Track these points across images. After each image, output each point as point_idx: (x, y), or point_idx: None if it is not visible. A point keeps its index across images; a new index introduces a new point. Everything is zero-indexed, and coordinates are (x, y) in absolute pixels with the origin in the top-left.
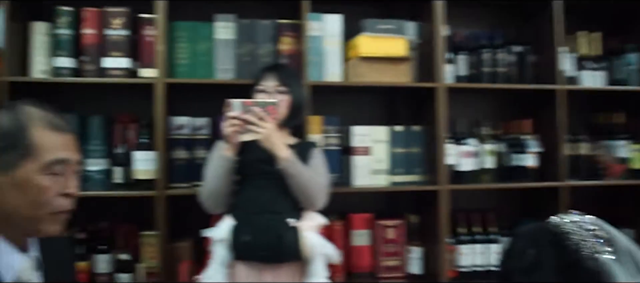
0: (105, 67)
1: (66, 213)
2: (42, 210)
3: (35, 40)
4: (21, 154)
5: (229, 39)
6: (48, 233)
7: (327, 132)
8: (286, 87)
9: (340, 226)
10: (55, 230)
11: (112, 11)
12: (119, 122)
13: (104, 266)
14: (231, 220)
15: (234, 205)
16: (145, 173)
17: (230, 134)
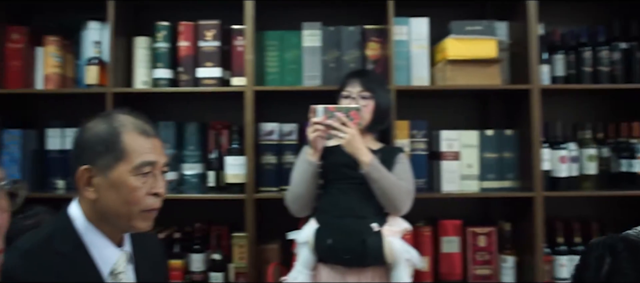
0: (199, 77)
1: (155, 210)
2: (134, 207)
3: (137, 54)
4: (115, 158)
5: (315, 46)
6: (139, 229)
7: (414, 137)
8: (370, 92)
9: (429, 232)
10: (145, 226)
11: (205, 24)
12: (213, 128)
13: (198, 265)
14: (315, 223)
15: (318, 208)
16: (235, 177)
17: (314, 140)
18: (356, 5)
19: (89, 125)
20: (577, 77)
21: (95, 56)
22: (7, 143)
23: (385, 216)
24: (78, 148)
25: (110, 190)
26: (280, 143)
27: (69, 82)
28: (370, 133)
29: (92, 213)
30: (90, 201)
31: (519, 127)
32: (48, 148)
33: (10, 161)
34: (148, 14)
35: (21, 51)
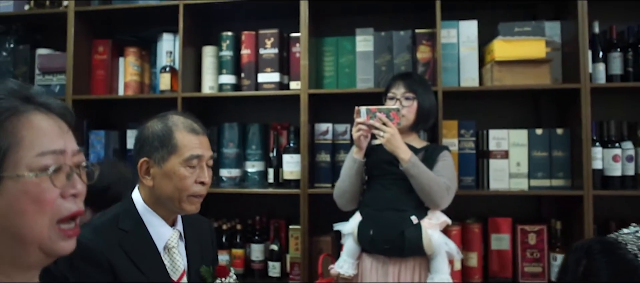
0: (260, 82)
1: (201, 196)
2: (183, 193)
3: (205, 62)
4: (169, 151)
5: (368, 51)
6: (187, 211)
7: (462, 136)
8: (413, 93)
9: (478, 229)
10: (192, 209)
11: (265, 33)
12: (273, 129)
13: (258, 254)
14: (359, 216)
15: (362, 202)
16: (291, 173)
17: (357, 138)
18: (407, 11)
19: (148, 124)
20: (636, 75)
21: (168, 64)
22: (93, 142)
23: (426, 210)
24: (139, 143)
25: (164, 179)
26: (334, 142)
27: (146, 88)
28: (415, 131)
29: (150, 197)
30: (148, 187)
31: (570, 126)
32: (128, 147)
33: (95, 158)
34: (214, 25)
35: (105, 61)
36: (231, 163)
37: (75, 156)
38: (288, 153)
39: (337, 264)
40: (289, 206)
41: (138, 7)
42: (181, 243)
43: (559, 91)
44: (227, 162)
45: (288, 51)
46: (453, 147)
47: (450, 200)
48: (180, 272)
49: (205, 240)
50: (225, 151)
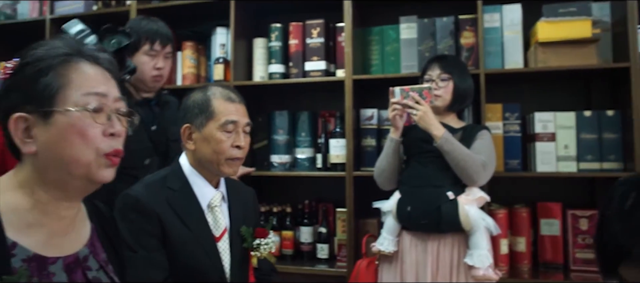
0: (307, 70)
1: (238, 160)
2: (221, 156)
3: (256, 52)
4: (207, 117)
5: (411, 38)
6: (226, 173)
7: (507, 119)
8: (449, 74)
9: (526, 213)
10: (231, 171)
11: (312, 23)
12: (321, 117)
13: (307, 237)
14: (398, 194)
15: (401, 180)
16: (337, 157)
17: (392, 118)
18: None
19: (190, 95)
20: None
21: (221, 56)
22: None
23: (463, 187)
24: (182, 111)
25: (204, 142)
26: (379, 127)
27: (202, 79)
28: (452, 112)
29: (193, 160)
30: (191, 151)
31: (621, 107)
32: None
33: None
34: (263, 18)
35: None
36: (281, 149)
37: (117, 102)
38: (334, 137)
39: (377, 242)
40: (336, 191)
41: (194, 3)
42: (224, 204)
43: (609, 71)
44: (278, 148)
45: (334, 40)
46: (498, 130)
47: (487, 176)
48: (221, 229)
49: (248, 206)
50: (276, 137)
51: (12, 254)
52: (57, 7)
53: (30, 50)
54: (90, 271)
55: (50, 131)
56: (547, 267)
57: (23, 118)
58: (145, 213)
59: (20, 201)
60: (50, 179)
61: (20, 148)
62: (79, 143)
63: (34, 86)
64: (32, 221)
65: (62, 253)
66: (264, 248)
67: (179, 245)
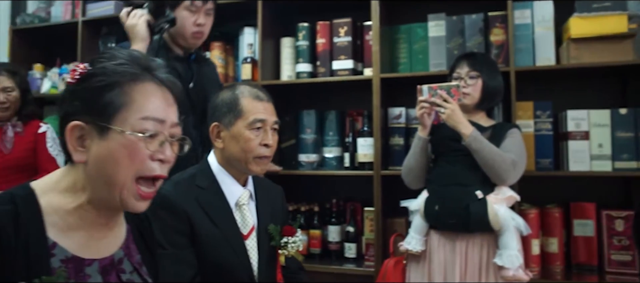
0: (334, 69)
1: (266, 158)
2: (249, 154)
3: (283, 52)
4: (235, 116)
5: (440, 36)
6: (254, 172)
7: (538, 117)
8: (477, 72)
9: (559, 213)
10: (259, 170)
11: (339, 22)
12: (349, 116)
13: (334, 236)
14: (426, 193)
15: (429, 179)
16: (365, 156)
17: (420, 116)
18: None
19: (219, 94)
20: None
21: (249, 55)
22: None
23: (492, 186)
24: (211, 110)
25: (232, 141)
26: (407, 126)
27: (230, 79)
28: (481, 110)
29: (222, 158)
30: (219, 149)
31: None
32: None
33: None
34: (290, 17)
35: None
36: (309, 148)
37: (173, 127)
38: (362, 136)
39: (405, 241)
40: (364, 190)
41: (221, 4)
42: (252, 203)
43: None
44: (305, 147)
45: (361, 39)
46: (529, 128)
47: (517, 175)
48: (249, 227)
49: (276, 205)
50: (304, 136)
51: (52, 254)
52: (88, 9)
53: (101, 60)
54: (124, 273)
55: (102, 146)
56: (580, 268)
57: (80, 126)
58: (175, 211)
59: (63, 204)
60: (94, 190)
61: (71, 155)
62: (126, 165)
63: (97, 99)
64: (72, 224)
65: (98, 256)
66: (292, 247)
67: (207, 243)
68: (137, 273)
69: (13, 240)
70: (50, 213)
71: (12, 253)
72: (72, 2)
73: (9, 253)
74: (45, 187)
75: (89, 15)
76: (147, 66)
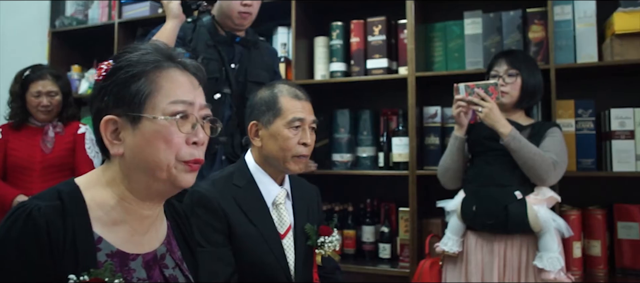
0: (369, 68)
1: (304, 157)
2: (287, 153)
3: (317, 51)
4: (274, 114)
5: (476, 33)
6: (292, 170)
7: (580, 116)
8: (516, 70)
9: (602, 216)
10: (297, 169)
11: (373, 21)
12: (383, 114)
13: (369, 236)
14: (463, 193)
15: (466, 179)
16: (400, 156)
17: (457, 115)
18: None
19: (257, 92)
20: None
21: (283, 55)
22: None
23: (531, 187)
24: (249, 108)
25: (271, 139)
26: (443, 125)
27: None
28: (520, 109)
29: (259, 157)
30: (258, 148)
31: None
32: None
33: None
34: (324, 16)
35: None
36: (343, 148)
37: (202, 109)
38: (397, 136)
39: (441, 242)
40: (399, 190)
41: None
42: (288, 202)
43: None
44: (339, 147)
45: (396, 37)
46: (570, 128)
47: (558, 176)
48: (286, 226)
49: (312, 204)
50: (337, 136)
51: (98, 248)
52: (124, 10)
53: (124, 54)
54: (167, 269)
55: (137, 135)
56: (625, 273)
57: (113, 120)
58: (212, 209)
59: (106, 198)
60: (135, 180)
61: (108, 149)
62: (163, 148)
63: (126, 91)
64: (116, 218)
65: (142, 251)
66: (328, 246)
67: (244, 241)
68: (179, 269)
69: (62, 235)
70: (95, 208)
71: (61, 247)
72: (109, 4)
73: (58, 247)
74: (88, 183)
75: (124, 16)
76: (169, 55)
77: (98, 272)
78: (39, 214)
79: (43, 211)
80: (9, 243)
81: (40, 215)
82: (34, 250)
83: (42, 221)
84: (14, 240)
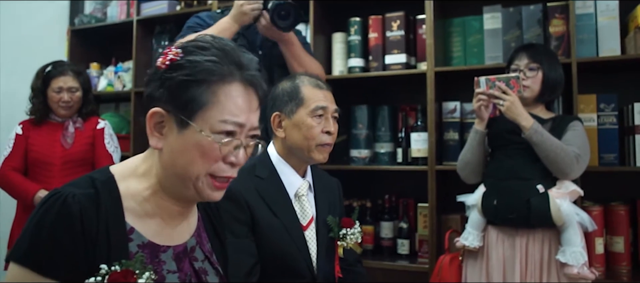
0: (387, 64)
1: (328, 145)
2: (311, 142)
3: (335, 47)
4: (297, 104)
5: (496, 28)
6: (316, 160)
7: (602, 110)
8: (537, 64)
9: (625, 211)
10: (321, 158)
11: (392, 16)
12: (401, 110)
13: (387, 232)
14: (483, 188)
15: (486, 173)
16: (419, 151)
17: (477, 109)
18: None
19: (278, 84)
20: None
21: None
22: None
23: (554, 180)
24: (271, 100)
25: (294, 129)
26: (462, 121)
27: None
28: (541, 103)
29: (282, 149)
30: (281, 139)
31: None
32: None
33: None
34: (342, 12)
35: None
36: (361, 144)
37: (252, 131)
38: (415, 131)
39: (462, 236)
40: (417, 186)
41: None
42: (310, 194)
43: None
44: (357, 143)
45: (414, 32)
46: (592, 122)
47: (580, 169)
48: (308, 218)
49: (333, 197)
50: (355, 132)
51: (130, 239)
52: (142, 8)
53: (192, 49)
54: (197, 261)
55: (179, 139)
56: None
57: (161, 113)
58: (235, 201)
59: (140, 190)
60: (167, 178)
61: (149, 139)
62: (198, 162)
63: (183, 93)
64: (149, 210)
65: (172, 243)
66: (350, 238)
67: (267, 232)
68: (208, 262)
69: (95, 224)
70: (128, 198)
71: (94, 236)
72: (127, 2)
73: (91, 236)
74: (123, 172)
75: (143, 14)
76: (238, 63)
77: (129, 263)
78: (74, 201)
79: (77, 198)
80: (43, 230)
81: (74, 202)
82: (68, 237)
83: (76, 209)
84: (48, 227)
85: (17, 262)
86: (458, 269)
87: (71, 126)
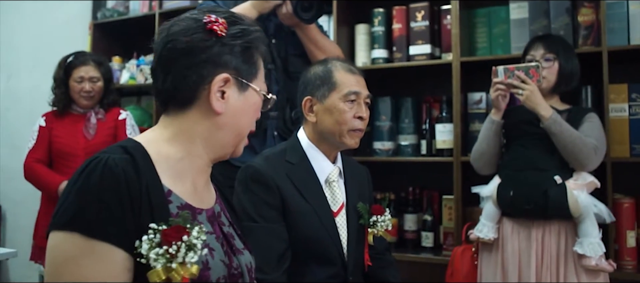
0: (411, 54)
1: (360, 131)
2: (343, 127)
3: (358, 39)
4: (329, 88)
5: (522, 18)
6: (348, 145)
7: (634, 100)
8: (553, 54)
9: None
10: (353, 143)
11: (416, 6)
12: (425, 102)
13: (411, 224)
14: (498, 179)
15: (502, 164)
16: (444, 143)
17: (495, 98)
18: None
19: (310, 68)
20: None
21: None
22: None
23: (570, 171)
24: (302, 85)
25: (326, 114)
26: (488, 112)
27: None
28: (556, 93)
29: (313, 134)
30: (312, 124)
31: None
32: None
33: None
34: (366, 3)
35: None
36: (384, 136)
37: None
38: (441, 122)
39: (476, 229)
40: (442, 178)
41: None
42: (341, 180)
43: None
44: (380, 134)
45: (439, 23)
46: (623, 112)
47: (598, 161)
48: (339, 204)
49: (363, 184)
50: (378, 124)
51: (169, 201)
52: (165, 2)
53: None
54: (224, 226)
55: (241, 100)
56: None
57: (226, 79)
58: (267, 185)
59: (171, 153)
60: (218, 137)
61: (211, 103)
62: (252, 117)
63: (247, 58)
64: (181, 171)
65: (204, 206)
66: (381, 225)
67: (298, 217)
68: (232, 228)
69: (137, 187)
70: (161, 162)
71: (138, 199)
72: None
73: (135, 199)
74: (149, 140)
75: (165, 7)
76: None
77: (177, 220)
78: (115, 164)
79: (118, 161)
80: (88, 193)
81: (116, 166)
82: (115, 199)
83: (120, 171)
84: (94, 190)
85: (63, 228)
86: (470, 260)
87: (93, 117)
